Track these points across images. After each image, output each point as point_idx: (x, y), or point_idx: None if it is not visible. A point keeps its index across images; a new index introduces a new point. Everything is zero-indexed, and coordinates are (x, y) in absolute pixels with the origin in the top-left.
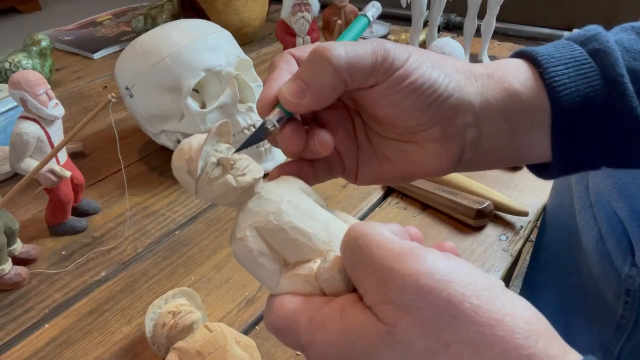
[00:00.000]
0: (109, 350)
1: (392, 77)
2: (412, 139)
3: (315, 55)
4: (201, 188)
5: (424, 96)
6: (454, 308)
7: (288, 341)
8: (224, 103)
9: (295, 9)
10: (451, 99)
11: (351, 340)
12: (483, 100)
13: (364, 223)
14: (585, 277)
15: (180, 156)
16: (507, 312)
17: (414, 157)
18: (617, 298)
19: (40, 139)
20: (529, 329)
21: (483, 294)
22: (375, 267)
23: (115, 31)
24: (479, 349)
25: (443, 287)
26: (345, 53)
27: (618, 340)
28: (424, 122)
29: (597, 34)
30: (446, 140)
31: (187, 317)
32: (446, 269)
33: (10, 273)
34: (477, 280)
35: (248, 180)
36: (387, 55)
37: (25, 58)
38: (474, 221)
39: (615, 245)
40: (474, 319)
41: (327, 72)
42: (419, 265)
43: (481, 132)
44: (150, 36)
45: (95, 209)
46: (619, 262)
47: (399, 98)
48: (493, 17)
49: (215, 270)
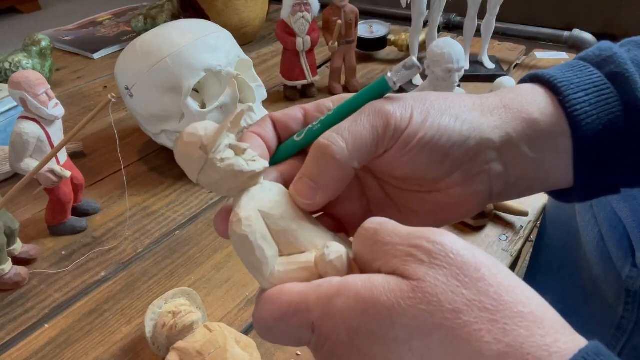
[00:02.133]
0: (109, 350)
1: (400, 140)
2: (434, 188)
3: (318, 152)
4: (209, 167)
5: (437, 148)
6: (476, 271)
7: (291, 329)
8: (224, 103)
9: (295, 9)
10: (468, 141)
11: (372, 302)
12: (503, 134)
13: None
14: (586, 278)
15: (193, 132)
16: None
17: (439, 205)
18: (617, 298)
19: (40, 139)
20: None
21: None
22: (403, 238)
23: (115, 31)
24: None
25: (465, 254)
26: (346, 144)
27: (618, 340)
28: (444, 172)
29: (614, 55)
30: (471, 182)
31: (187, 317)
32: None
33: (10, 273)
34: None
35: (258, 166)
36: (388, 123)
37: (25, 58)
38: (474, 221)
39: (616, 245)
40: (493, 282)
41: (333, 168)
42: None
43: (506, 165)
44: (150, 36)
45: (95, 209)
46: (619, 263)
47: (412, 157)
48: (493, 17)
49: (215, 270)
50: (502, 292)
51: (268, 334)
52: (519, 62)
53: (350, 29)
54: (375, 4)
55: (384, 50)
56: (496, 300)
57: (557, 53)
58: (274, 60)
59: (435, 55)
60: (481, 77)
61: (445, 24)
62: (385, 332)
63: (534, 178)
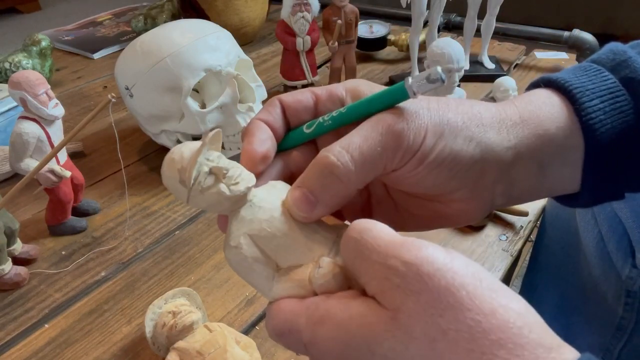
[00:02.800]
0: (109, 350)
1: (410, 162)
2: (437, 200)
3: (324, 169)
4: (194, 197)
5: (446, 170)
6: (452, 295)
7: (291, 344)
8: (224, 103)
9: (295, 9)
10: (477, 164)
11: (351, 333)
12: (515, 154)
13: (365, 220)
14: (585, 278)
15: (171, 166)
16: (500, 303)
17: (439, 214)
18: (617, 299)
19: (40, 139)
20: (522, 320)
21: (479, 285)
22: (380, 256)
23: (115, 31)
24: (475, 336)
25: (442, 275)
26: (355, 166)
27: (618, 340)
28: (449, 190)
29: (628, 59)
30: (473, 199)
31: (187, 317)
32: (445, 259)
33: (10, 273)
34: (474, 271)
35: (241, 189)
36: (400, 146)
37: (25, 58)
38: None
39: (616, 246)
40: (470, 307)
41: (337, 189)
42: (420, 253)
43: (512, 183)
44: (150, 36)
45: (95, 209)
46: (619, 264)
47: (419, 178)
48: (493, 17)
49: (215, 270)
50: (481, 318)
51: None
52: (519, 62)
53: (350, 29)
54: (375, 4)
55: (384, 50)
56: (473, 328)
57: (557, 53)
58: (274, 60)
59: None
60: (481, 77)
61: (445, 24)
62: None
63: (539, 189)
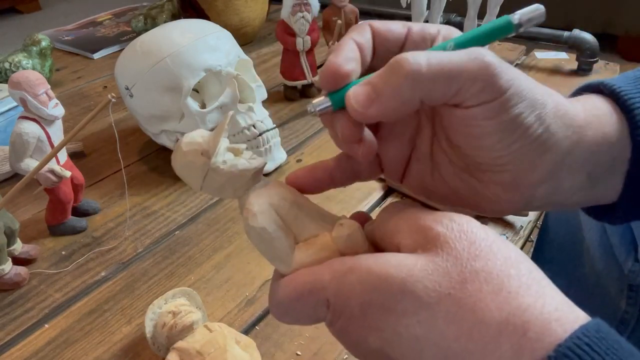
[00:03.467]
0: (109, 350)
1: (482, 106)
2: (476, 174)
3: (393, 63)
4: (213, 171)
5: (509, 140)
6: (487, 246)
7: (307, 309)
8: (224, 103)
9: (295, 9)
10: (537, 150)
11: (384, 276)
12: (571, 157)
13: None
14: (588, 272)
15: (191, 142)
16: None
17: (471, 192)
18: (620, 293)
19: (40, 139)
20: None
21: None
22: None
23: (115, 31)
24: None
25: (478, 231)
26: (427, 67)
27: (621, 335)
28: (497, 164)
29: None
30: (513, 189)
31: (187, 317)
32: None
33: (10, 273)
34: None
35: (260, 162)
36: (485, 73)
37: (25, 58)
38: None
39: (619, 240)
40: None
41: (401, 85)
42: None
43: (558, 188)
44: (150, 36)
45: (95, 209)
46: (622, 258)
47: (480, 132)
48: (493, 17)
49: (215, 270)
50: (509, 265)
51: (285, 316)
52: (519, 62)
53: None
54: (375, 4)
55: None
56: (502, 272)
57: (557, 53)
58: (274, 60)
59: None
60: None
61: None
62: (395, 304)
63: (581, 200)
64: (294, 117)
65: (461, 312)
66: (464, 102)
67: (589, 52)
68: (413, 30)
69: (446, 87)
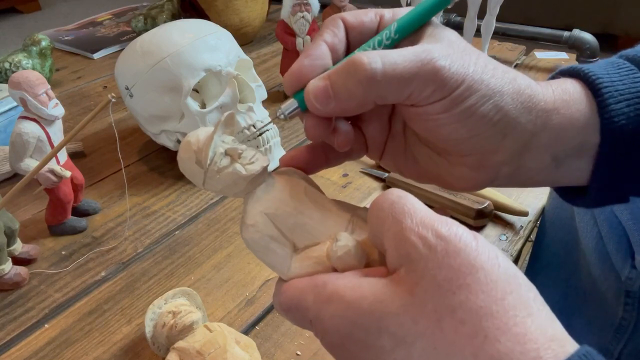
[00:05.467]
0: (109, 350)
1: (437, 103)
2: (444, 157)
3: (350, 64)
4: (210, 178)
5: (465, 129)
6: (470, 275)
7: (297, 320)
8: (224, 103)
9: (295, 9)
10: (496, 136)
11: (361, 312)
12: (535, 140)
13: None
14: (585, 278)
15: (187, 148)
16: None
17: (440, 170)
18: (617, 299)
19: (40, 139)
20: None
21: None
22: (414, 222)
23: (115, 31)
24: (482, 319)
25: (465, 255)
26: (382, 72)
27: (618, 341)
28: (459, 151)
29: None
30: (479, 170)
31: (187, 317)
32: (472, 241)
33: (10, 273)
34: (494, 255)
35: (257, 168)
36: (435, 79)
37: (25, 58)
38: (474, 221)
39: (615, 247)
40: (484, 289)
41: (356, 87)
42: (452, 230)
43: (522, 167)
44: (150, 36)
45: (95, 209)
46: (618, 264)
47: (437, 125)
48: (493, 17)
49: (215, 270)
50: (492, 300)
51: (285, 317)
52: (519, 62)
53: None
54: (375, 4)
55: None
56: (481, 309)
57: (557, 53)
58: (274, 60)
59: None
60: None
61: (445, 23)
62: (373, 341)
63: (545, 180)
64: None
65: (435, 354)
66: (417, 103)
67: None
68: (385, 18)
69: (399, 91)
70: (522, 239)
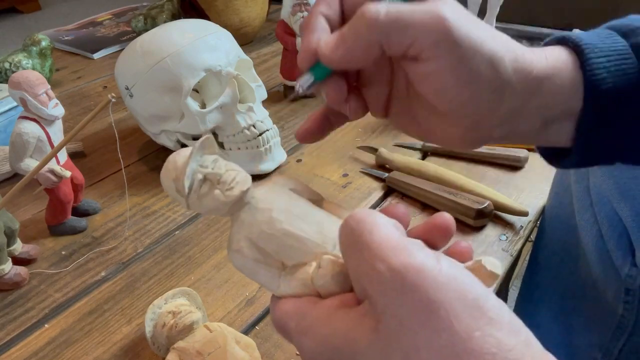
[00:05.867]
0: (109, 350)
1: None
2: (443, 118)
3: (358, 12)
4: (192, 204)
5: (467, 92)
6: (431, 313)
7: (286, 338)
8: (224, 103)
9: (295, 9)
10: (495, 101)
11: (334, 348)
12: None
13: (368, 210)
14: (585, 277)
15: (167, 175)
16: (479, 326)
17: (440, 131)
18: (617, 298)
19: (40, 139)
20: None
21: (462, 303)
22: (370, 255)
23: (115, 31)
24: (446, 358)
25: (425, 289)
26: (386, 14)
27: (618, 340)
28: (456, 113)
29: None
30: (474, 131)
31: (187, 317)
32: (433, 270)
33: (10, 273)
34: (461, 286)
35: (236, 194)
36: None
37: (25, 58)
38: (474, 221)
39: (616, 245)
40: (446, 327)
41: (361, 30)
42: (408, 260)
43: (514, 130)
44: (150, 36)
45: (95, 209)
46: (619, 262)
47: (439, 85)
48: (493, 17)
49: (215, 270)
50: (455, 340)
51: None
52: None
53: None
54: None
55: None
56: (445, 348)
57: None
58: (274, 60)
59: None
60: None
61: None
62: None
63: (534, 140)
64: (293, 117)
65: None
66: (421, 54)
67: None
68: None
69: (402, 35)
70: (522, 239)
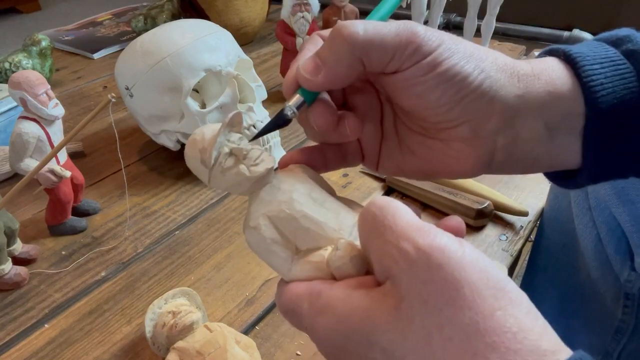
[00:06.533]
0: (109, 350)
1: (418, 65)
2: (437, 136)
3: (334, 32)
4: (214, 178)
5: (452, 90)
6: (455, 291)
7: (294, 324)
8: (224, 103)
9: (295, 9)
10: (484, 97)
11: (352, 326)
12: (523, 103)
13: (388, 198)
14: (584, 280)
15: (193, 146)
16: (501, 305)
17: (438, 155)
18: (616, 302)
19: (40, 139)
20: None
21: (485, 283)
22: (394, 236)
23: (115, 31)
24: (470, 336)
25: (450, 269)
26: (364, 31)
27: (617, 343)
28: (450, 119)
29: (630, 35)
30: (474, 142)
31: (187, 317)
32: (457, 252)
33: (10, 273)
34: (483, 268)
35: (260, 170)
36: (414, 40)
37: (25, 58)
38: (474, 221)
39: (614, 249)
40: (471, 305)
41: (342, 49)
42: (434, 241)
43: (517, 138)
44: (150, 36)
45: (95, 209)
46: (617, 267)
47: (424, 89)
48: (493, 17)
49: (215, 270)
50: (479, 318)
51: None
52: None
53: None
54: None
55: None
56: (469, 327)
57: None
58: (274, 60)
59: None
60: None
61: (445, 24)
62: (365, 353)
63: (542, 155)
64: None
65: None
66: (401, 66)
67: None
68: None
69: (382, 51)
70: (522, 239)
